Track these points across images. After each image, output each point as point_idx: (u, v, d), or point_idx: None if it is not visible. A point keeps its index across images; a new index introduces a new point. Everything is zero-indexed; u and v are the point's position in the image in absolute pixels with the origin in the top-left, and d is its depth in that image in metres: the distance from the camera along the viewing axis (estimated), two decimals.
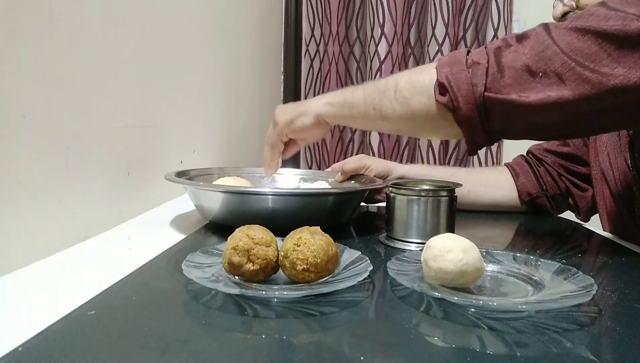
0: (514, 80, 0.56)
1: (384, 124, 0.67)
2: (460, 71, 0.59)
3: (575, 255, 0.65)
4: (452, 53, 0.63)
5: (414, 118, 0.63)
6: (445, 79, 0.59)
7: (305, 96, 1.88)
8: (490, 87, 0.57)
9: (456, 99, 0.58)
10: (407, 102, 0.62)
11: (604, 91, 0.54)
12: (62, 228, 0.61)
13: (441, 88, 0.59)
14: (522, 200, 0.91)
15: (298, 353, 0.36)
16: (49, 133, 0.58)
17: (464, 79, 0.58)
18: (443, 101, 0.59)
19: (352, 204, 0.76)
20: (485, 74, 0.57)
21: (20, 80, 0.53)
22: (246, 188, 0.74)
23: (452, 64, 0.60)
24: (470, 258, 0.45)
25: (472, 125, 0.59)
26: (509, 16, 1.71)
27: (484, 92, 0.57)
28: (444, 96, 0.59)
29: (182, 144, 0.99)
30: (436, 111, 0.60)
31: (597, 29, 0.54)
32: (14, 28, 0.52)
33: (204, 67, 1.10)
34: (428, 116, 0.62)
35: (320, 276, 0.46)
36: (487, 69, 0.57)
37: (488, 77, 0.57)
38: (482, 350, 0.36)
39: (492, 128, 0.59)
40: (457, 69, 0.59)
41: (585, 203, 0.90)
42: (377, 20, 1.70)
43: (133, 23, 0.77)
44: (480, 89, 0.57)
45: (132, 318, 0.41)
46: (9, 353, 0.33)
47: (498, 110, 0.58)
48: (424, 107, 0.61)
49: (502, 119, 0.58)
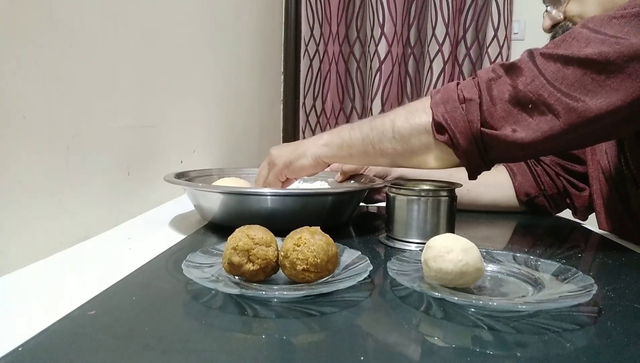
0: (506, 113, 0.59)
1: (384, 160, 0.69)
2: (454, 108, 0.61)
3: (575, 255, 0.65)
4: (443, 89, 0.64)
5: (414, 154, 0.65)
6: (442, 118, 0.61)
7: (304, 96, 1.87)
8: (485, 122, 0.60)
9: (455, 137, 0.61)
10: (406, 141, 0.65)
11: (590, 118, 0.56)
12: (62, 228, 0.61)
13: (439, 127, 0.62)
14: (520, 200, 0.91)
15: (298, 353, 0.36)
16: (49, 133, 0.58)
17: (459, 116, 0.61)
18: (442, 140, 0.62)
19: (351, 204, 0.76)
20: (479, 110, 0.60)
21: (20, 80, 0.53)
22: (244, 189, 0.74)
23: (445, 102, 0.62)
24: (471, 258, 0.45)
25: (473, 157, 0.62)
26: (509, 16, 1.71)
27: (480, 128, 0.60)
28: (443, 135, 0.62)
29: (182, 144, 0.99)
30: (436, 147, 0.63)
31: (579, 57, 0.56)
32: (14, 28, 0.52)
33: (204, 67, 1.10)
34: (428, 151, 0.64)
35: (320, 276, 0.46)
36: (480, 105, 0.60)
37: (482, 112, 0.60)
38: (482, 350, 0.36)
39: (491, 158, 0.63)
40: (451, 107, 0.61)
41: (581, 203, 0.90)
42: (377, 20, 1.70)
43: (133, 23, 0.77)
44: (476, 125, 0.60)
45: (132, 318, 0.41)
46: (9, 353, 0.34)
47: (495, 144, 0.60)
48: (424, 144, 0.64)
49: (500, 151, 0.61)
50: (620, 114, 0.56)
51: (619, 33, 0.55)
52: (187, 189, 0.74)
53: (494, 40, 1.70)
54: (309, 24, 1.83)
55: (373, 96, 1.74)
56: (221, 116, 1.22)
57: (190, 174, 0.83)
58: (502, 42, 1.70)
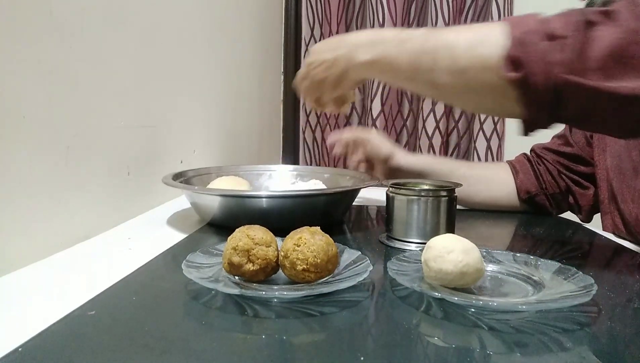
0: (604, 63, 0.48)
1: (433, 93, 0.61)
2: (537, 42, 0.49)
3: (575, 255, 0.65)
4: (524, 17, 0.52)
5: (471, 92, 0.55)
6: (521, 53, 0.50)
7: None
8: (575, 68, 0.48)
9: (532, 77, 0.49)
10: (465, 74, 0.53)
11: None
12: (62, 228, 0.61)
13: (513, 62, 0.50)
14: (521, 198, 0.91)
15: (298, 353, 0.36)
16: (49, 133, 0.58)
17: (544, 54, 0.49)
18: (514, 77, 0.50)
19: (344, 202, 0.78)
20: (570, 52, 0.48)
21: (20, 80, 0.53)
22: (240, 191, 0.75)
23: (527, 33, 0.50)
24: (471, 259, 0.45)
25: (543, 109, 0.51)
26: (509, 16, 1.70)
27: (567, 75, 0.48)
28: (517, 72, 0.50)
29: (182, 144, 0.99)
30: (501, 87, 0.51)
31: None
32: (14, 28, 0.52)
33: (204, 67, 1.10)
34: (489, 92, 0.53)
35: (320, 277, 0.46)
36: (573, 46, 0.48)
37: (573, 56, 0.48)
38: (482, 350, 0.36)
39: (566, 116, 0.52)
40: (535, 38, 0.49)
41: (586, 201, 0.89)
42: (377, 20, 1.70)
43: (133, 23, 0.77)
44: (562, 70, 0.48)
45: (132, 318, 0.41)
46: (9, 354, 0.34)
47: (579, 96, 0.49)
48: (486, 82, 0.53)
49: (580, 107, 0.50)
50: None
51: None
52: (184, 191, 0.74)
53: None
54: (309, 24, 1.83)
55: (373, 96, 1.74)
56: (221, 116, 1.22)
57: (188, 174, 0.83)
58: None
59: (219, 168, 0.91)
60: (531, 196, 0.90)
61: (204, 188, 0.77)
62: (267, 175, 0.93)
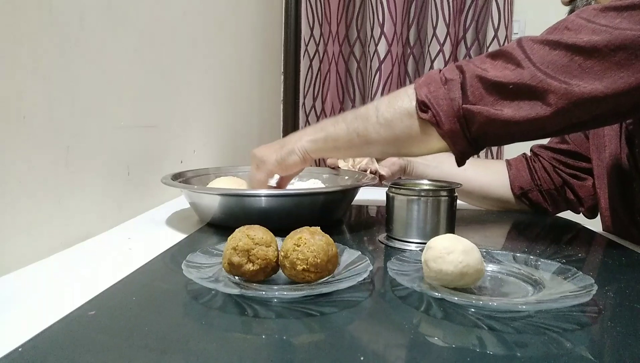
0: (488, 93, 0.59)
1: (370, 149, 0.69)
2: (437, 88, 0.62)
3: (575, 255, 0.65)
4: (425, 75, 0.65)
5: (398, 138, 0.66)
6: (425, 97, 0.62)
7: (304, 96, 1.87)
8: (468, 99, 0.60)
9: (438, 114, 0.61)
10: (390, 124, 0.65)
11: (573, 101, 0.56)
12: (62, 228, 0.61)
13: (422, 106, 0.62)
14: (515, 194, 0.91)
15: (298, 353, 0.36)
16: (49, 133, 0.58)
17: (442, 95, 0.62)
18: (426, 118, 0.62)
19: (344, 201, 0.78)
20: (460, 88, 0.61)
21: (20, 80, 0.53)
22: (240, 190, 0.75)
23: (428, 84, 0.63)
24: (471, 259, 0.45)
25: (456, 136, 0.62)
26: (509, 16, 1.71)
27: (462, 105, 0.60)
28: (426, 113, 0.62)
29: (182, 145, 0.99)
30: (419, 128, 0.64)
31: (567, 43, 0.57)
32: (14, 28, 0.52)
33: (204, 68, 1.10)
34: (412, 134, 0.65)
35: (320, 277, 0.46)
36: (461, 83, 0.61)
37: (464, 90, 0.61)
38: (482, 350, 0.36)
39: (475, 137, 0.62)
40: (434, 87, 0.62)
41: (586, 192, 0.89)
42: (377, 20, 1.70)
43: (133, 23, 0.77)
44: (458, 102, 0.61)
45: (132, 318, 0.41)
46: (9, 354, 0.34)
47: (477, 120, 0.60)
48: (407, 126, 0.64)
49: (482, 128, 0.61)
50: (605, 103, 0.55)
51: (610, 23, 0.56)
52: (183, 191, 0.74)
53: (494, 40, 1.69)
54: (309, 24, 1.83)
55: (373, 95, 1.74)
56: (221, 116, 1.22)
57: (187, 175, 0.83)
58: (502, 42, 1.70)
59: (218, 169, 0.91)
60: (524, 191, 0.91)
61: (203, 187, 0.77)
62: None
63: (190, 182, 0.83)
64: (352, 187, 0.78)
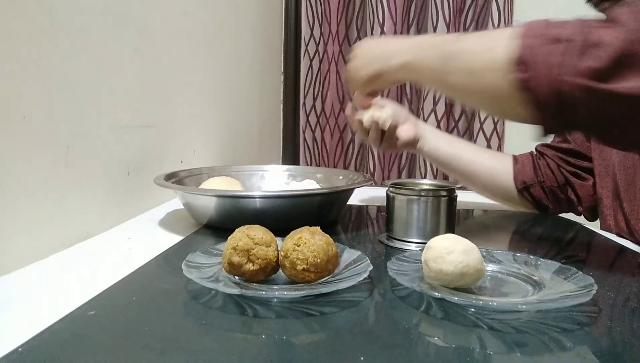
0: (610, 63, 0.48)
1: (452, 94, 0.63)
2: (544, 45, 0.50)
3: (575, 255, 0.65)
4: (532, 22, 0.53)
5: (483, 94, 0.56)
6: (529, 52, 0.50)
7: (304, 96, 1.87)
8: (581, 71, 0.48)
9: (537, 79, 0.50)
10: (477, 77, 0.55)
11: None
12: (62, 228, 0.61)
13: (520, 63, 0.51)
14: (517, 188, 0.91)
15: (298, 353, 0.36)
16: (49, 133, 0.58)
17: (550, 56, 0.49)
18: (519, 79, 0.50)
19: (338, 202, 0.78)
20: (575, 55, 0.48)
21: (20, 80, 0.53)
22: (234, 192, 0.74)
23: (534, 36, 0.51)
24: (471, 260, 0.45)
25: (548, 111, 0.51)
26: (509, 16, 1.70)
27: (569, 76, 0.48)
28: (522, 74, 0.50)
29: (182, 144, 0.99)
30: (509, 90, 0.52)
31: None
32: (14, 28, 0.52)
33: (204, 68, 1.10)
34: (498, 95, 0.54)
35: (320, 276, 0.46)
36: (578, 48, 0.48)
37: (579, 58, 0.48)
38: (482, 350, 0.36)
39: (575, 119, 0.51)
40: (541, 41, 0.50)
41: (586, 192, 0.89)
42: (377, 19, 1.70)
43: (133, 23, 0.77)
44: (568, 70, 0.48)
45: (132, 318, 0.41)
46: (9, 354, 0.34)
47: (582, 98, 0.49)
48: (496, 85, 0.53)
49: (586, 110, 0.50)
50: None
51: None
52: (177, 192, 0.74)
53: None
54: (309, 24, 1.83)
55: None
56: (221, 116, 1.22)
57: (180, 175, 0.82)
58: None
59: (211, 169, 0.90)
60: (527, 186, 0.91)
61: (195, 189, 0.76)
62: (259, 175, 0.93)
63: (184, 182, 0.81)
64: (346, 188, 0.77)
